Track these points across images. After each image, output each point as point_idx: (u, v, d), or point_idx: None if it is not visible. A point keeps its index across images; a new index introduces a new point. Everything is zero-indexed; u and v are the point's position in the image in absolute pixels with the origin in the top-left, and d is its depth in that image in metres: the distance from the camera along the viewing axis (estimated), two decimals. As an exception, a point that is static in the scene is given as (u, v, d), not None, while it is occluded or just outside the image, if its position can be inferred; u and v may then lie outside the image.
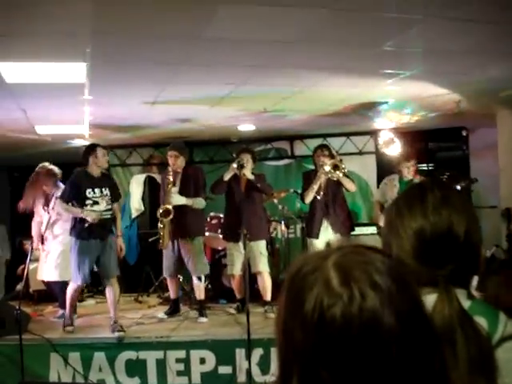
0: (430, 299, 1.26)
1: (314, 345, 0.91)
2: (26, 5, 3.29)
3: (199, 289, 7.02)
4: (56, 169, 7.51)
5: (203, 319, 6.92)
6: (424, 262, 1.36)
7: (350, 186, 7.15)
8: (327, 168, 6.86)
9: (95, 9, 3.38)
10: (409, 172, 7.38)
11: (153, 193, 9.58)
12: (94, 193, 6.51)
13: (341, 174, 6.88)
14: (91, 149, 6.70)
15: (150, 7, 3.44)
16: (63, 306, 6.92)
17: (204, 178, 7.18)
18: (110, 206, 6.64)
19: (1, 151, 10.03)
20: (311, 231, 7.20)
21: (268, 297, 6.98)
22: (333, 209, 7.06)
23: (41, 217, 7.49)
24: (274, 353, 5.30)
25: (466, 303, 1.34)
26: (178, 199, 6.83)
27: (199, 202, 6.97)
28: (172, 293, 7.28)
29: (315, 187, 7.00)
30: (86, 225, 6.37)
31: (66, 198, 6.56)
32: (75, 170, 6.81)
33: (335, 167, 6.87)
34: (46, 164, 7.52)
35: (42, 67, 4.68)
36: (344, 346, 0.89)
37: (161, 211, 6.82)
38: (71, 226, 6.62)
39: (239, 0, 3.39)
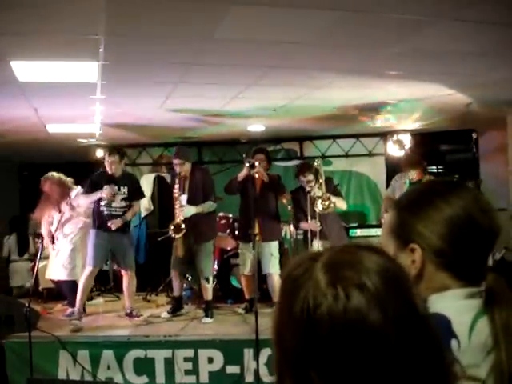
0: (457, 297, 1.31)
1: (302, 346, 0.92)
2: (39, 4, 3.31)
3: (206, 290, 7.07)
4: (64, 177, 7.68)
5: (208, 319, 6.95)
6: (461, 254, 1.36)
7: (342, 206, 7.18)
8: (320, 207, 6.87)
9: (108, 9, 3.40)
10: (413, 177, 7.40)
11: (162, 192, 9.64)
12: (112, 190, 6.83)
13: (332, 205, 6.88)
14: (109, 150, 7.11)
15: (163, 7, 3.45)
16: (72, 305, 6.98)
17: (211, 179, 7.24)
18: (124, 204, 6.92)
19: (11, 149, 10.08)
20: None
21: (277, 298, 6.95)
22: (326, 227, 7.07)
23: (51, 216, 7.55)
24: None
25: None
26: (189, 211, 6.86)
27: (210, 207, 7.04)
28: (176, 290, 7.34)
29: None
30: (107, 216, 6.77)
31: (85, 194, 7.05)
32: (95, 172, 7.32)
33: (325, 200, 6.88)
34: (55, 174, 7.63)
35: (54, 66, 4.71)
36: (331, 346, 0.90)
37: (172, 227, 6.84)
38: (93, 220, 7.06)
39: (251, 1, 3.39)
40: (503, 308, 1.26)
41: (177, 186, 6.91)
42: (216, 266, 8.25)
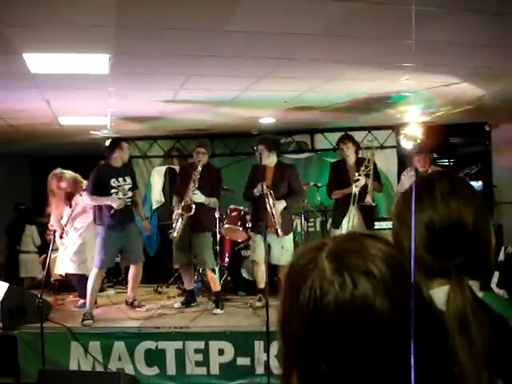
0: (442, 290, 1.27)
1: (310, 335, 0.92)
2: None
3: (214, 281, 7.16)
4: (72, 173, 7.79)
5: (218, 310, 7.02)
6: (435, 254, 1.36)
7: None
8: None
9: (118, 2, 3.39)
10: (420, 164, 7.48)
11: (173, 184, 9.64)
12: (118, 182, 6.92)
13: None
14: (117, 143, 7.19)
15: (173, 0, 3.44)
16: (83, 296, 7.02)
17: (220, 179, 7.35)
18: (130, 194, 7.02)
19: (24, 142, 10.13)
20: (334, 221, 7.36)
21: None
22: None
23: (62, 211, 7.61)
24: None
25: (479, 294, 1.34)
26: (199, 197, 6.95)
27: (214, 203, 7.21)
28: (186, 283, 7.45)
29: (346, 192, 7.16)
30: (112, 212, 6.72)
31: (90, 190, 6.96)
32: (99, 164, 7.25)
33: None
34: (64, 171, 7.79)
35: (66, 58, 4.72)
36: (338, 333, 0.89)
37: (183, 205, 6.93)
38: (94, 215, 6.99)
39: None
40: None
41: (197, 174, 6.97)
42: (227, 259, 8.27)
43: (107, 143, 7.35)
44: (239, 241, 8.17)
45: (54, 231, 6.72)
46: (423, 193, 1.43)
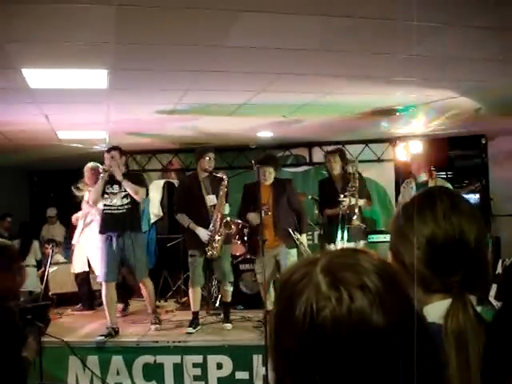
0: (442, 305, 1.28)
1: (305, 350, 0.91)
2: (50, 13, 3.35)
3: (228, 293, 6.98)
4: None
5: (229, 325, 6.83)
6: (435, 269, 1.36)
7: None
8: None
9: (118, 17, 3.43)
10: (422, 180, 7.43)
11: (171, 198, 9.64)
12: (113, 188, 6.73)
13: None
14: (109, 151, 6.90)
15: (172, 15, 3.48)
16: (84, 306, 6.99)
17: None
18: (126, 201, 6.73)
19: (22, 156, 10.14)
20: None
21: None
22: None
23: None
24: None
25: (477, 309, 1.35)
26: (226, 207, 6.79)
27: (226, 208, 6.92)
28: (196, 305, 6.98)
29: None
30: (107, 211, 6.68)
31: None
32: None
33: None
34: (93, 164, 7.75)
35: (65, 73, 4.75)
36: (335, 348, 0.89)
37: (224, 224, 6.72)
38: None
39: (260, 8, 3.41)
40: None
41: (225, 183, 6.79)
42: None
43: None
44: (237, 254, 8.16)
45: (52, 245, 6.71)
46: (424, 208, 1.43)
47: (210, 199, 6.80)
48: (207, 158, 6.84)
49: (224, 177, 6.84)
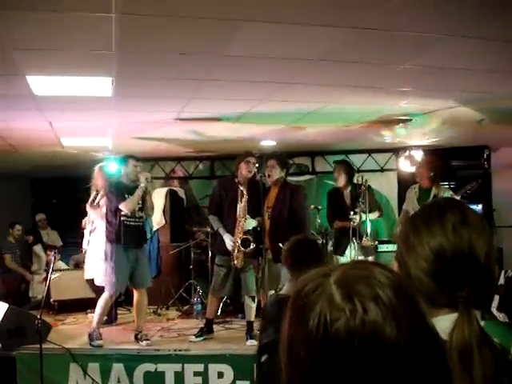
0: (447, 320, 1.26)
1: (317, 361, 0.91)
2: (54, 21, 3.37)
3: (251, 310, 6.66)
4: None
5: (253, 341, 6.32)
6: (442, 283, 1.34)
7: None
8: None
9: (121, 26, 3.45)
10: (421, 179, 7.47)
11: (174, 206, 9.67)
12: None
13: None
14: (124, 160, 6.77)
15: (175, 24, 3.49)
16: None
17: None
18: (141, 214, 6.68)
19: (25, 163, 10.17)
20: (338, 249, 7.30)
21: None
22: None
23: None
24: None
25: (481, 323, 1.34)
26: (250, 223, 6.49)
27: (259, 223, 6.64)
28: (213, 313, 6.93)
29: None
30: (128, 223, 6.47)
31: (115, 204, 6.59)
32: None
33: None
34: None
35: (69, 81, 4.77)
36: (347, 360, 0.89)
37: (240, 241, 6.41)
38: (107, 231, 6.65)
39: (262, 18, 3.43)
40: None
41: (241, 192, 6.43)
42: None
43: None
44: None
45: (55, 252, 6.70)
46: (433, 220, 1.40)
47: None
48: (251, 162, 6.58)
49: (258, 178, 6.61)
